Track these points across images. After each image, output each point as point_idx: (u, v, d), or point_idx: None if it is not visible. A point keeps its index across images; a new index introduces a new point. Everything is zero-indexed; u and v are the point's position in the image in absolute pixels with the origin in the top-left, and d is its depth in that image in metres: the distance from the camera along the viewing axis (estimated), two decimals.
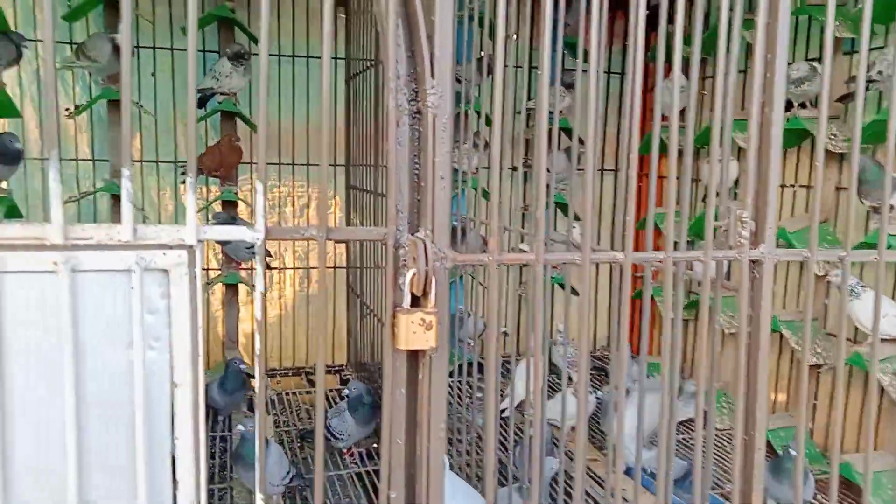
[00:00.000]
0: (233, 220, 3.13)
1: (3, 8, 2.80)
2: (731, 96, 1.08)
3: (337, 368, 3.54)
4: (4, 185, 2.82)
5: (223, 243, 3.12)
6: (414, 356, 0.95)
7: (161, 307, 0.89)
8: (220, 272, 3.31)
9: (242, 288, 3.35)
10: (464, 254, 0.97)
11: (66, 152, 3.14)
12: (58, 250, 0.84)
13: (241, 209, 3.32)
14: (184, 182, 3.22)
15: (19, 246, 0.82)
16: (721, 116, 1.06)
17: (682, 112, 1.60)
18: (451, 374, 1.83)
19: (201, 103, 3.12)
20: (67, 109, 3.06)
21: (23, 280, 0.83)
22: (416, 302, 0.94)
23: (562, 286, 3.21)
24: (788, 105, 2.63)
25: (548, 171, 3.11)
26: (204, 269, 3.26)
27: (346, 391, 2.54)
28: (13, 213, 2.79)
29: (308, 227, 0.96)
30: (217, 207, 3.25)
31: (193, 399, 0.91)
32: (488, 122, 2.29)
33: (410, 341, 0.91)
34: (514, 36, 2.65)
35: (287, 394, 3.27)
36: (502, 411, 2.61)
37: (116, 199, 3.12)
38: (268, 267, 3.27)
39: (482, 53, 2.62)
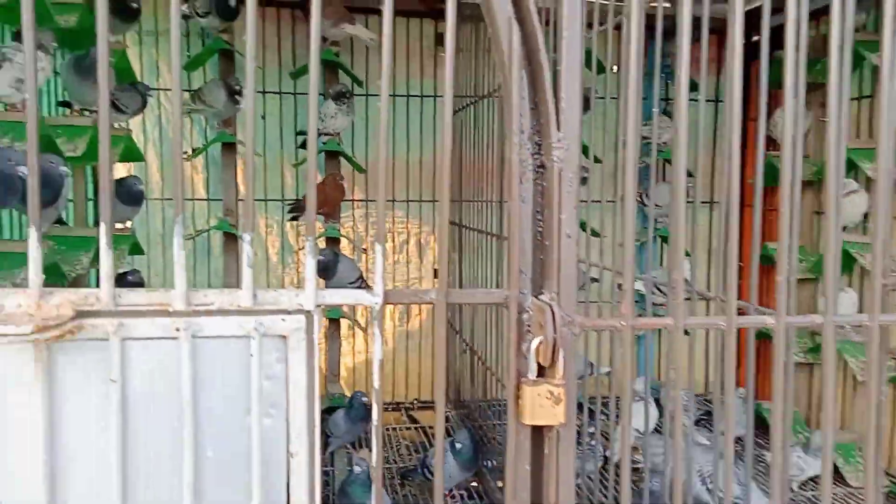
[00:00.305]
0: (336, 255, 3.16)
1: (130, 61, 2.98)
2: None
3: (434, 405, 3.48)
4: (129, 224, 2.97)
5: (325, 278, 3.15)
6: (539, 430, 0.87)
7: (278, 373, 0.86)
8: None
9: (344, 322, 3.37)
10: (594, 318, 0.89)
11: (184, 192, 3.28)
12: (180, 317, 0.81)
13: (344, 245, 3.35)
14: (291, 219, 3.29)
15: (144, 312, 0.81)
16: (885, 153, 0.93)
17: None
18: None
19: (307, 144, 3.19)
20: (185, 152, 3.19)
21: (147, 346, 0.81)
22: (541, 371, 0.86)
23: None
24: None
25: (656, 205, 2.96)
26: None
27: (456, 442, 2.47)
28: (136, 250, 2.92)
29: (428, 290, 0.90)
30: (321, 244, 3.29)
31: (309, 469, 0.86)
32: (597, 160, 2.19)
33: (536, 416, 0.83)
34: (615, 68, 2.55)
35: (387, 429, 3.24)
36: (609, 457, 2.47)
37: (228, 236, 3.22)
38: None
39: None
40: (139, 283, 2.90)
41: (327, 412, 3.05)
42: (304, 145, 3.21)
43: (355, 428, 2.72)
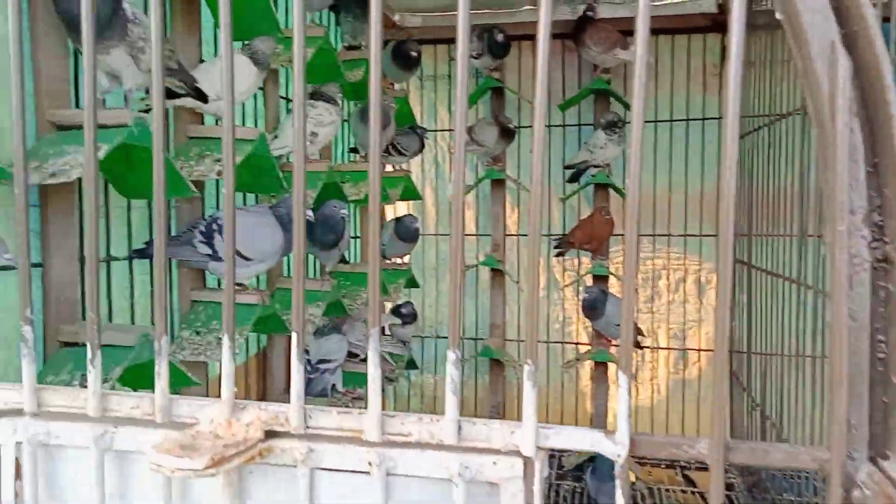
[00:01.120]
0: (604, 294, 2.88)
1: (411, 106, 3.07)
2: None
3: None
4: (406, 258, 3.06)
5: (592, 318, 2.89)
6: None
7: None
8: (589, 347, 3.09)
9: (612, 366, 3.07)
10: None
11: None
12: (373, 447, 0.66)
13: (612, 283, 3.06)
14: (557, 255, 3.09)
15: (333, 438, 0.67)
16: None
17: None
18: None
19: (575, 177, 2.98)
20: None
21: (336, 479, 0.67)
22: None
23: None
24: None
25: None
26: (574, 343, 3.08)
27: None
28: (412, 283, 2.99)
29: (695, 440, 0.62)
30: (588, 281, 3.05)
31: None
32: None
33: None
34: None
35: (659, 489, 2.85)
36: None
37: (495, 271, 3.15)
38: (638, 346, 2.94)
39: None
40: (413, 315, 2.96)
41: (591, 460, 2.79)
42: (572, 179, 3.00)
43: (605, 487, 2.42)
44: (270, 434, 0.67)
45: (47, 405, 0.68)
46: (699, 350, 3.07)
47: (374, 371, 0.66)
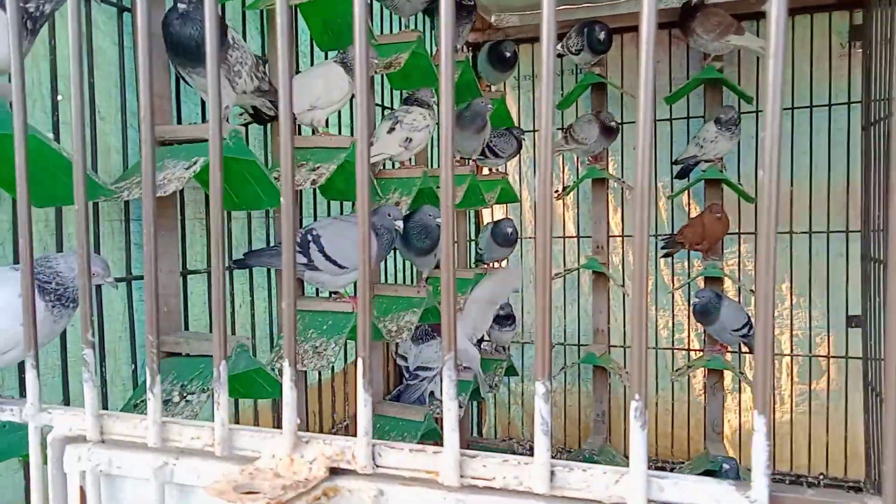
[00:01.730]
0: (717, 297, 2.64)
1: (508, 106, 2.96)
2: None
3: (851, 484, 2.66)
4: (504, 263, 2.95)
5: (705, 324, 2.65)
6: None
7: None
8: (701, 354, 2.84)
9: (728, 374, 2.81)
10: None
11: (554, 230, 3.14)
12: (451, 492, 0.56)
13: (728, 286, 2.80)
14: (664, 255, 2.88)
15: (406, 479, 0.57)
16: None
17: None
18: None
19: (683, 173, 2.75)
20: (556, 191, 3.06)
21: None
22: None
23: None
24: None
25: None
26: (684, 350, 2.85)
27: None
28: None
29: (858, 498, 0.47)
30: (700, 283, 2.81)
31: None
32: None
33: None
34: None
35: None
36: None
37: (598, 274, 2.97)
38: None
39: None
40: (512, 319, 2.85)
41: (706, 475, 2.56)
42: (679, 175, 2.77)
43: None
44: (336, 471, 0.59)
45: (110, 433, 0.63)
46: (828, 357, 2.74)
47: (449, 403, 0.55)
